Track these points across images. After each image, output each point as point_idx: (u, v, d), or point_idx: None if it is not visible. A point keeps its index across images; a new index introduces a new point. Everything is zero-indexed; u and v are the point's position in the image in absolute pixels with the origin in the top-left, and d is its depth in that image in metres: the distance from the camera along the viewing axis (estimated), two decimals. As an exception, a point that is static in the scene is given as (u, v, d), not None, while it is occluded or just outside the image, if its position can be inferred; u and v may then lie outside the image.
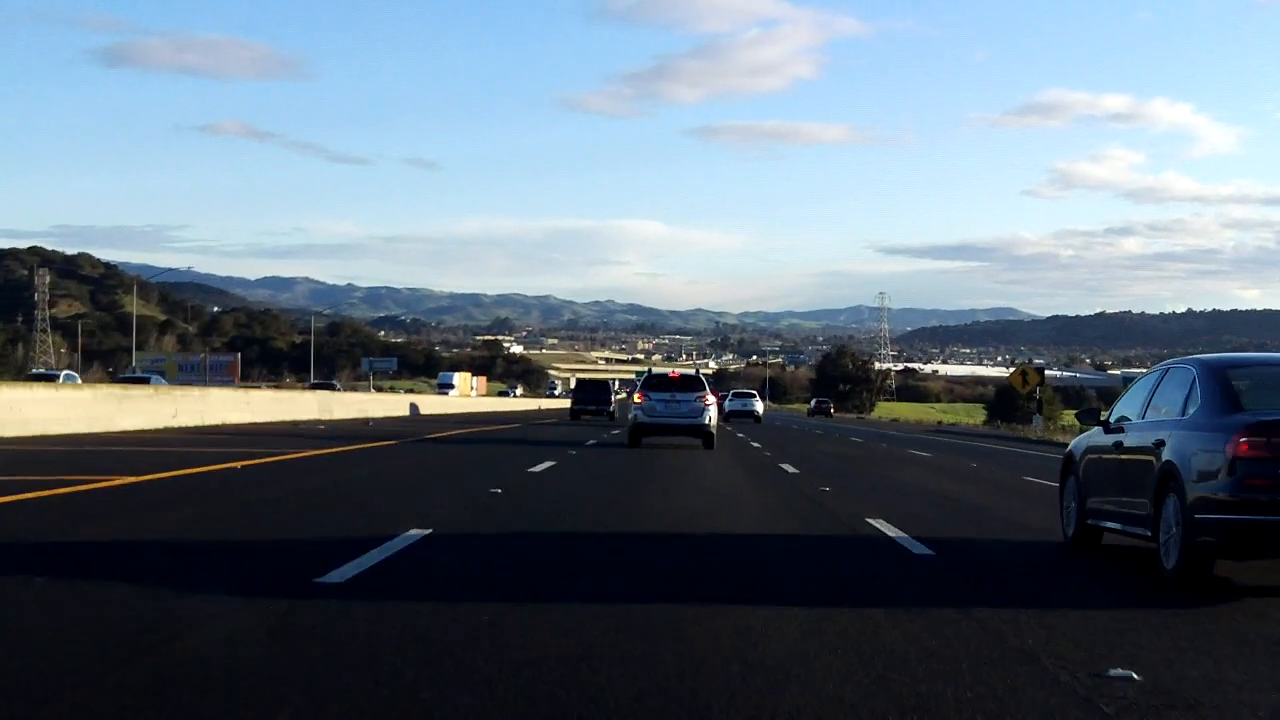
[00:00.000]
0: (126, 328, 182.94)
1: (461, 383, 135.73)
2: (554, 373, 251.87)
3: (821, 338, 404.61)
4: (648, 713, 5.00)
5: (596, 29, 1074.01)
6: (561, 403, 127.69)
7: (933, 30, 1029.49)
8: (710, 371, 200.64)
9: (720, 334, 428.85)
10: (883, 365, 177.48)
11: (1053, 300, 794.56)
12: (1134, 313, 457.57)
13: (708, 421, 29.11)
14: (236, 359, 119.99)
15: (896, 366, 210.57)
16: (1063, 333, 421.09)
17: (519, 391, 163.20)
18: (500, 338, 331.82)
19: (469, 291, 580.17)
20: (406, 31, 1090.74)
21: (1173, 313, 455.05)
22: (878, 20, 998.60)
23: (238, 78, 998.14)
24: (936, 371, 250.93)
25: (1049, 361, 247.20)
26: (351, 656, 5.92)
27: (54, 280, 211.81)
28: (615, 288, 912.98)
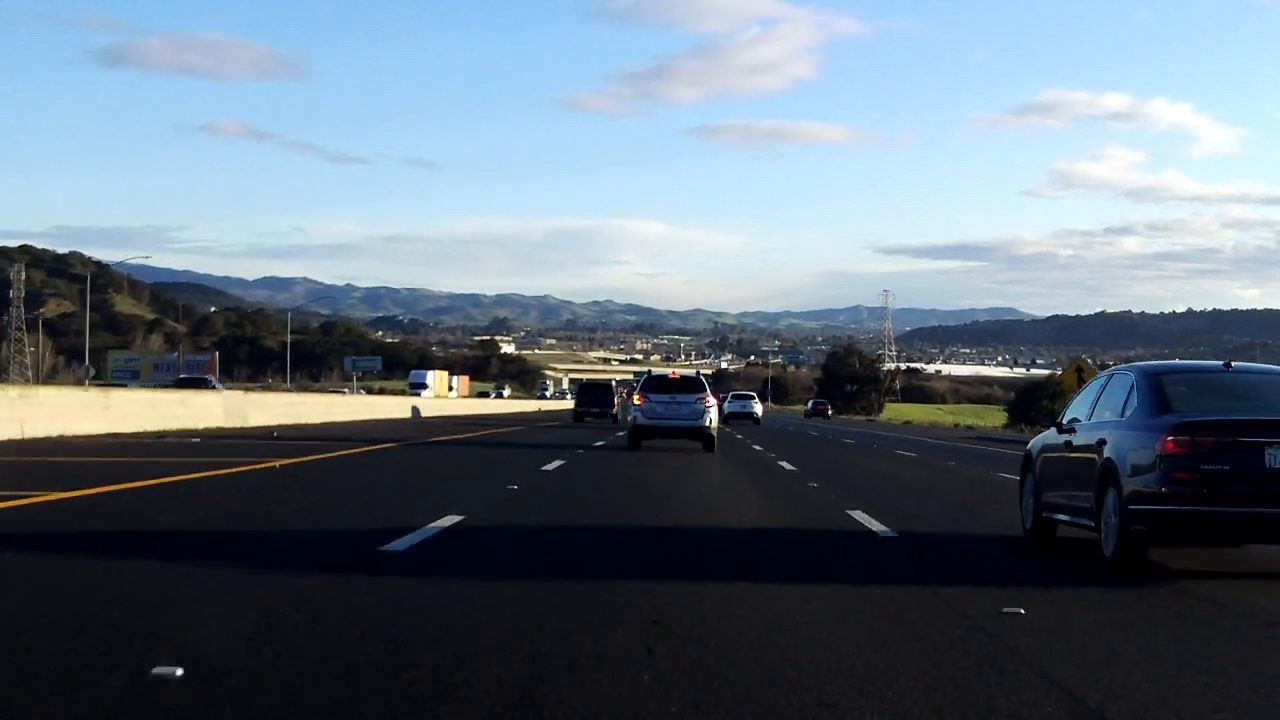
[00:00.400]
0: (113, 327, 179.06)
1: (437, 382, 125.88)
2: (550, 373, 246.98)
3: (820, 338, 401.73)
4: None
5: (595, 29, 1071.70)
6: (553, 404, 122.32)
7: (932, 30, 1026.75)
8: (710, 372, 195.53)
9: (719, 334, 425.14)
10: (890, 365, 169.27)
11: (1052, 300, 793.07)
12: (1134, 312, 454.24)
13: (708, 424, 28.88)
14: (214, 358, 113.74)
15: (901, 366, 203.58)
16: (1063, 333, 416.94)
17: (506, 392, 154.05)
18: (498, 338, 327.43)
19: (468, 292, 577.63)
20: (406, 31, 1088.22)
21: (1173, 312, 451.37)
22: (877, 20, 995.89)
23: (237, 78, 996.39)
24: (940, 371, 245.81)
25: (1049, 361, 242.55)
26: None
27: (44, 279, 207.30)
28: (614, 288, 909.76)
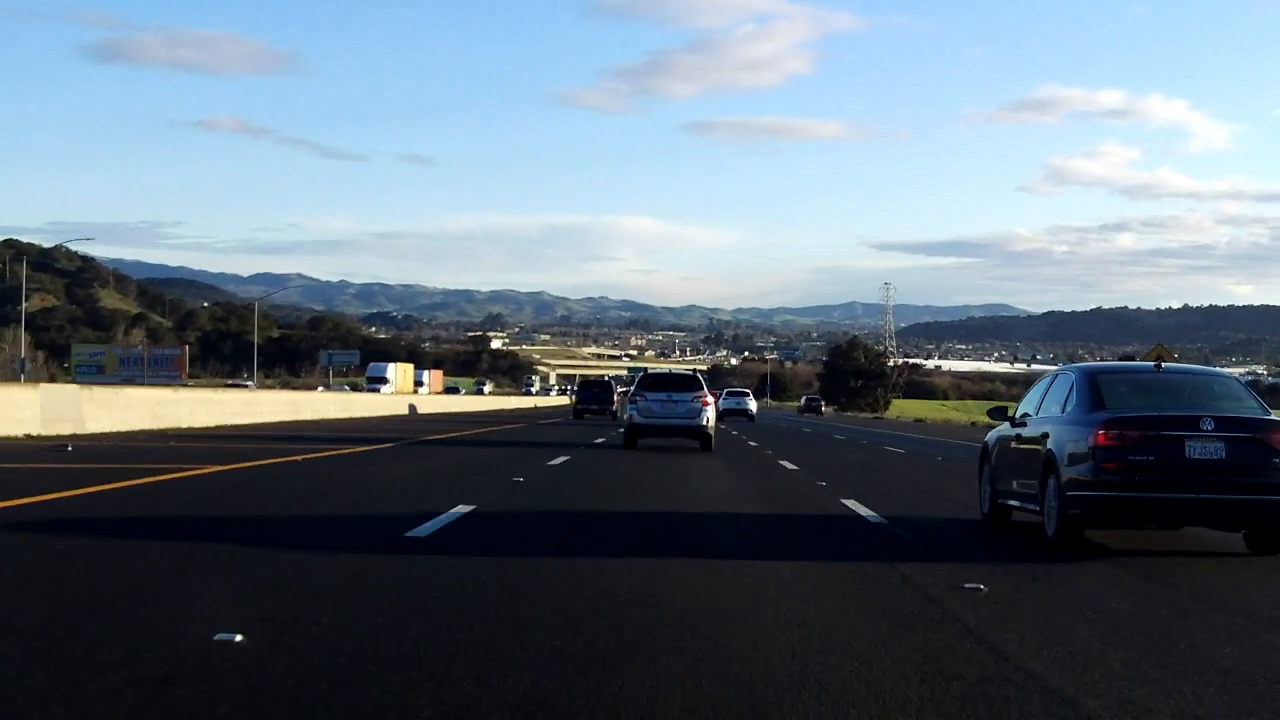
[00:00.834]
0: (97, 322, 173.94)
1: (400, 377, 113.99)
2: (543, 369, 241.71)
3: (816, 334, 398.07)
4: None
5: (591, 24, 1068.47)
6: (538, 401, 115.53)
7: (928, 25, 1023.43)
8: (705, 368, 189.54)
9: (714, 330, 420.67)
10: (895, 361, 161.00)
11: (1045, 296, 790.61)
12: (1130, 308, 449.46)
13: (705, 423, 28.51)
14: (184, 352, 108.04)
15: (906, 361, 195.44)
16: (1059, 329, 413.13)
17: (488, 388, 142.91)
18: (492, 334, 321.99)
19: (462, 288, 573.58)
20: (402, 27, 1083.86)
21: (1169, 308, 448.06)
22: (872, 15, 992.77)
23: (232, 73, 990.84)
24: (940, 367, 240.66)
25: (1046, 357, 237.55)
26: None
27: (28, 273, 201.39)
28: (609, 284, 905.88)
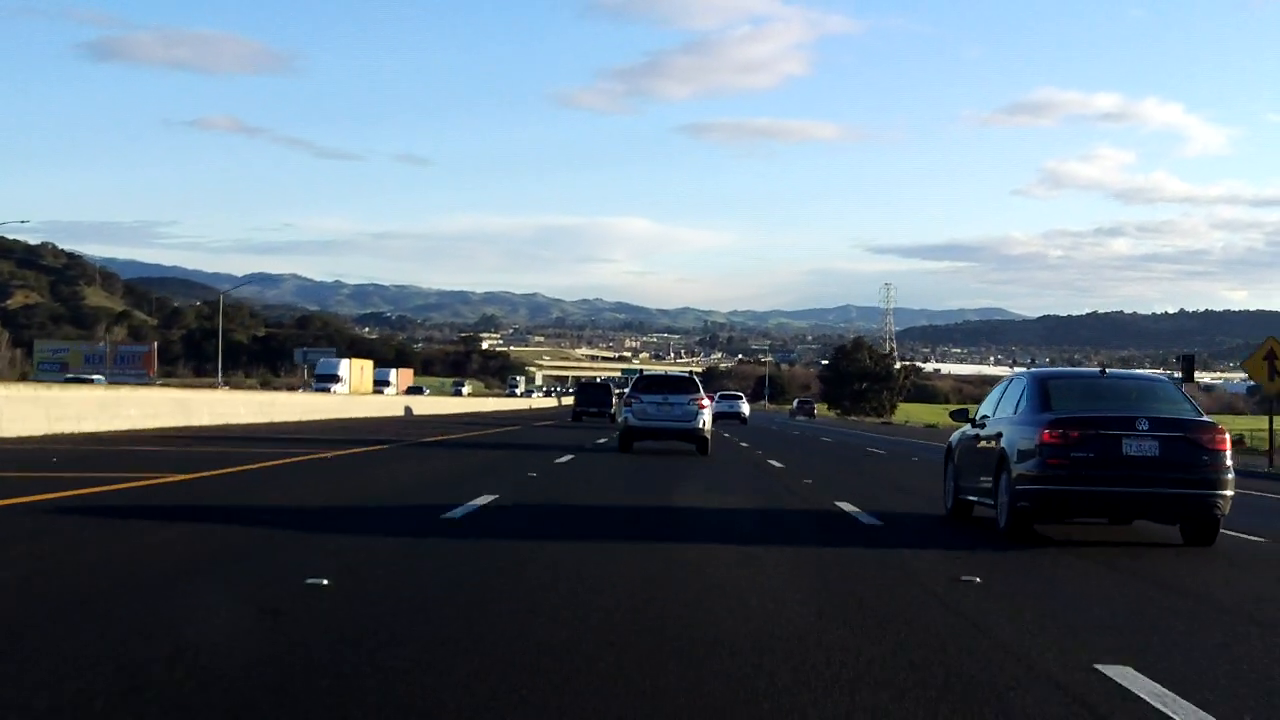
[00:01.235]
0: (79, 319, 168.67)
1: (356, 375, 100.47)
2: (534, 369, 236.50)
3: (811, 336, 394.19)
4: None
5: (588, 25, 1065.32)
6: (523, 403, 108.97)
7: (924, 28, 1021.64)
8: (700, 370, 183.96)
9: (709, 332, 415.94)
10: (901, 362, 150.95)
11: (1040, 300, 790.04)
12: (1126, 313, 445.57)
13: (701, 426, 28.17)
14: (152, 349, 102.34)
15: (913, 364, 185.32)
16: (1054, 332, 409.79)
17: (466, 389, 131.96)
18: (487, 335, 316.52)
19: (457, 289, 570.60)
20: (398, 27, 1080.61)
21: (1165, 313, 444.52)
22: (869, 17, 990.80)
23: (228, 73, 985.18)
24: (939, 370, 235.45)
25: (1043, 361, 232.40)
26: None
27: (12, 270, 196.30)
28: (604, 286, 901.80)
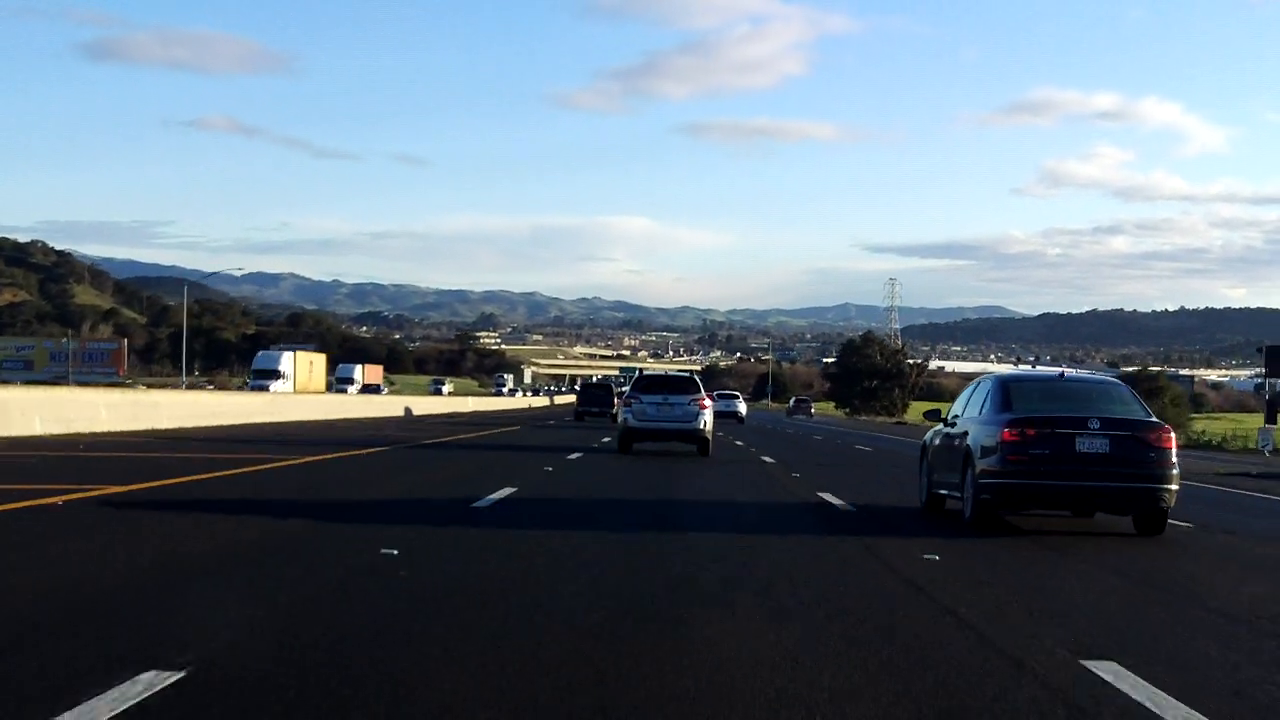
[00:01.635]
0: (66, 317, 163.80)
1: (305, 370, 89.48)
2: (533, 368, 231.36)
3: (810, 335, 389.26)
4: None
5: (586, 25, 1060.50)
6: (510, 403, 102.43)
7: (923, 27, 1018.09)
8: (699, 368, 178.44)
9: (708, 331, 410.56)
10: (915, 359, 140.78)
11: (1039, 299, 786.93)
12: (1126, 310, 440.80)
13: (702, 426, 27.54)
14: (122, 346, 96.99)
15: (919, 360, 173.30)
16: (1054, 330, 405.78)
17: (447, 388, 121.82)
18: (485, 334, 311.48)
19: (455, 288, 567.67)
20: (395, 27, 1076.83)
21: (1165, 310, 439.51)
22: (868, 17, 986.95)
23: (225, 73, 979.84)
24: (943, 368, 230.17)
25: (1045, 359, 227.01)
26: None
27: (1, 267, 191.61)
28: (602, 285, 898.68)
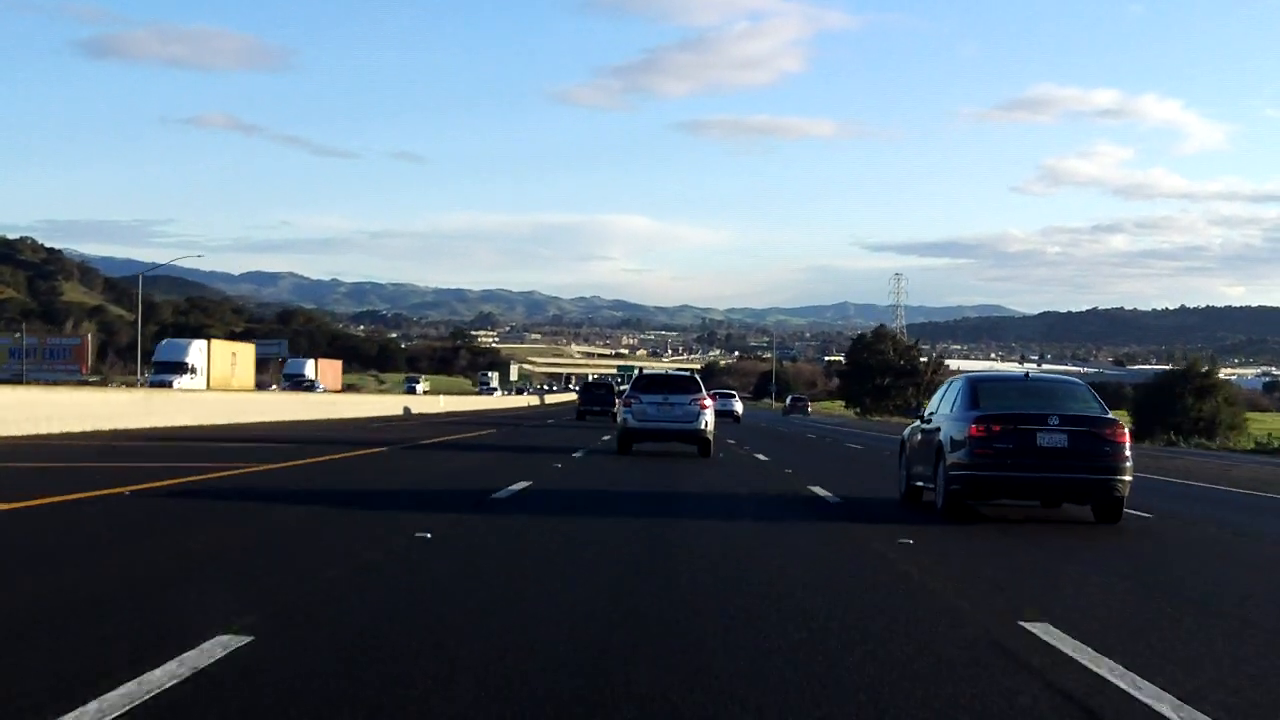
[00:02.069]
0: (51, 315, 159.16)
1: (223, 363, 78.23)
2: (529, 366, 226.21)
3: (809, 334, 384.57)
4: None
5: (585, 21, 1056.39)
6: (495, 402, 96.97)
7: (922, 23, 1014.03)
8: (699, 367, 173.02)
9: (707, 330, 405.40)
10: (931, 355, 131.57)
11: (1039, 297, 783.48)
12: (1127, 309, 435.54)
13: (704, 427, 27.07)
14: (85, 342, 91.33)
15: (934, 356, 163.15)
16: (1054, 329, 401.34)
17: (422, 387, 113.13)
18: (483, 332, 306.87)
19: (454, 287, 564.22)
20: (393, 23, 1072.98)
21: (1165, 309, 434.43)
22: (867, 13, 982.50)
23: (224, 70, 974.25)
24: (948, 365, 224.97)
25: (1047, 357, 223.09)
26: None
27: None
28: (601, 283, 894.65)
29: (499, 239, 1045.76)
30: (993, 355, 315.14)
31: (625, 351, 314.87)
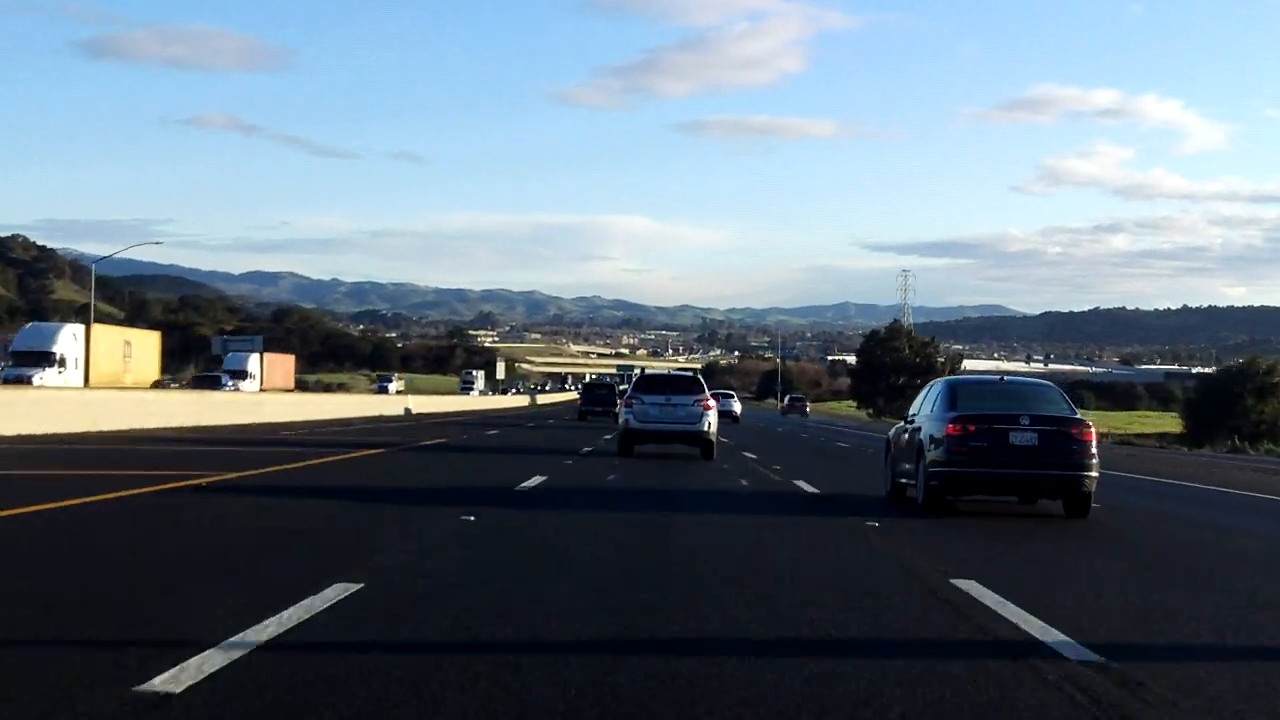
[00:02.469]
0: (39, 313, 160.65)
1: (110, 354, 65.70)
2: (529, 366, 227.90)
3: (810, 334, 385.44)
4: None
5: (585, 21, 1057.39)
6: (480, 402, 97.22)
7: (922, 23, 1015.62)
8: (699, 366, 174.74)
9: (707, 330, 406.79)
10: (946, 353, 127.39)
11: (1039, 297, 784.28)
12: (1128, 309, 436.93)
13: (706, 428, 27.04)
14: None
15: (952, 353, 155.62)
16: (1056, 329, 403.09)
17: (394, 386, 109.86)
18: (483, 332, 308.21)
19: (454, 287, 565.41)
20: (393, 24, 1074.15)
21: (1167, 309, 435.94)
22: (866, 13, 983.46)
23: (224, 70, 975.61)
24: (965, 366, 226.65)
25: (1050, 357, 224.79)
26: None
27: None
28: (601, 283, 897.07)
29: (499, 239, 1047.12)
30: (996, 355, 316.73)
31: (625, 351, 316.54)
